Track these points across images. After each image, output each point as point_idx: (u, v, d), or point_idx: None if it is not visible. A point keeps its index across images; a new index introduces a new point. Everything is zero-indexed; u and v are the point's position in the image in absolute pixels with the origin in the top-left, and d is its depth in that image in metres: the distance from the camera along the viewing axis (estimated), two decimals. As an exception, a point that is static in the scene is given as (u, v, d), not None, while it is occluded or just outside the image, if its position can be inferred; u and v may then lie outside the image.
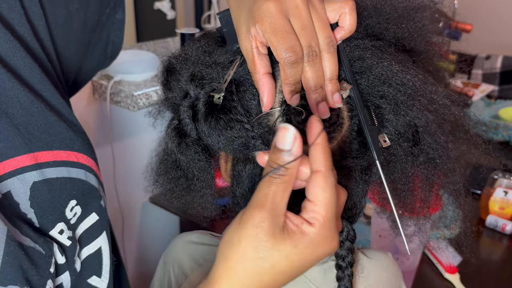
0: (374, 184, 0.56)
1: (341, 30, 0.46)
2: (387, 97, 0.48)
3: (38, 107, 0.47)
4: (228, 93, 0.50)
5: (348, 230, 0.53)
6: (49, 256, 0.44)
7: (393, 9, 0.52)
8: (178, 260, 0.70)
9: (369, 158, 0.51)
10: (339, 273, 0.54)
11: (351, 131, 0.50)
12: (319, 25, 0.44)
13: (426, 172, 0.51)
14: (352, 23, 0.46)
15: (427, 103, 0.48)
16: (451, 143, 0.50)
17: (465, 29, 1.66)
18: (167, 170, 0.59)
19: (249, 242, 0.40)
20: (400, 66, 0.48)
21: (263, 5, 0.43)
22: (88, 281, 0.51)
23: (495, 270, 1.13)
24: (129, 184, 1.48)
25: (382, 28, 0.52)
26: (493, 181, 1.29)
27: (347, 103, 0.49)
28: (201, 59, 0.53)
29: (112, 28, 0.64)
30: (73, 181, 0.49)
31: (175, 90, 0.56)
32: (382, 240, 1.03)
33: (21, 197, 0.44)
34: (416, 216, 0.56)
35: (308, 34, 0.44)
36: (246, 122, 0.50)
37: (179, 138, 0.54)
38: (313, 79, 0.45)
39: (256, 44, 0.45)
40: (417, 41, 0.53)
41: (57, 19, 0.54)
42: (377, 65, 0.48)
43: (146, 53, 1.42)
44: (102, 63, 0.67)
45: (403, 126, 0.49)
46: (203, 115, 0.52)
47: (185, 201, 0.61)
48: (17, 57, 0.47)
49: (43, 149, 0.47)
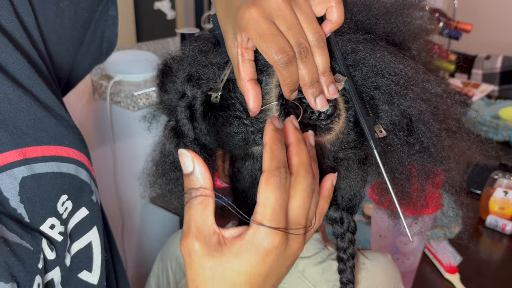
0: (372, 177, 0.56)
1: (329, 23, 0.47)
2: (381, 87, 0.49)
3: (26, 103, 0.47)
4: (226, 92, 0.51)
5: (349, 221, 0.53)
6: (37, 252, 0.44)
7: (381, 5, 0.53)
8: (177, 256, 0.69)
9: (367, 149, 0.52)
10: (340, 265, 0.54)
11: (348, 122, 0.51)
12: (305, 22, 0.45)
13: (421, 161, 0.51)
14: (339, 15, 0.46)
15: (420, 91, 0.49)
16: (444, 131, 0.50)
17: (465, 29, 1.66)
18: (165, 171, 0.59)
19: (195, 272, 0.40)
20: (392, 56, 0.49)
21: (245, 12, 0.43)
22: (79, 275, 0.51)
23: (495, 270, 1.13)
24: (129, 184, 1.48)
25: (372, 23, 0.53)
26: (493, 181, 1.29)
27: (342, 95, 0.50)
28: (198, 59, 0.54)
29: (106, 25, 0.65)
30: (63, 176, 0.49)
31: (171, 92, 0.56)
32: (382, 240, 1.03)
33: (11, 193, 0.44)
34: (418, 215, 0.56)
35: (295, 33, 0.44)
36: (245, 117, 0.50)
37: (177, 139, 0.54)
38: (308, 74, 0.45)
39: (241, 51, 0.46)
40: (405, 36, 0.54)
41: (47, 15, 0.54)
42: (369, 56, 0.49)
43: (146, 53, 1.42)
44: (98, 59, 0.68)
45: (397, 116, 0.49)
46: (201, 114, 0.53)
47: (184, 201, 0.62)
48: (5, 52, 0.47)
49: (32, 144, 0.47)
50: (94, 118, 1.36)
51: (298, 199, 0.41)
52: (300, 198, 0.41)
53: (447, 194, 0.55)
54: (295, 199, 0.41)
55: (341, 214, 0.53)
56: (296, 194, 0.41)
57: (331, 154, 0.51)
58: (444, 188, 0.54)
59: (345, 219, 0.53)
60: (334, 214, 0.53)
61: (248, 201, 0.55)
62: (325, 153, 0.51)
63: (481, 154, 0.53)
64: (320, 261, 0.59)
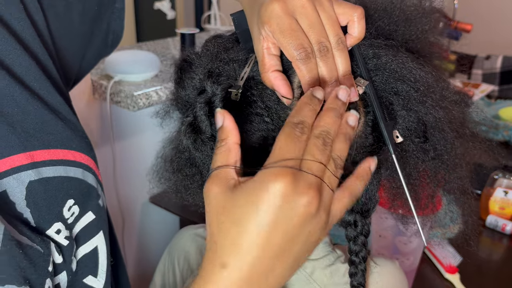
0: (384, 180, 0.56)
1: (350, 38, 0.47)
2: (401, 93, 0.49)
3: (34, 106, 0.47)
4: (246, 89, 0.51)
5: (363, 224, 0.53)
6: (48, 255, 0.44)
7: (402, 12, 0.53)
8: (185, 251, 0.68)
9: (383, 153, 0.52)
10: (352, 268, 0.54)
11: (367, 126, 0.51)
12: (327, 23, 0.45)
13: (435, 167, 0.51)
14: (360, 31, 0.47)
15: (438, 99, 0.49)
16: (458, 139, 0.50)
17: (465, 29, 1.66)
18: (180, 167, 0.59)
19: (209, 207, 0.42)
20: (414, 63, 0.49)
21: (269, 7, 0.44)
22: (84, 280, 0.51)
23: (495, 270, 1.13)
24: (129, 184, 1.48)
25: (392, 30, 0.53)
26: (493, 181, 1.29)
27: (362, 99, 0.50)
28: (219, 56, 0.54)
29: (112, 17, 0.64)
30: (70, 180, 0.49)
31: (189, 87, 0.56)
32: (382, 240, 1.03)
33: (17, 197, 0.44)
34: (420, 215, 0.56)
35: (317, 31, 0.45)
36: (266, 115, 0.50)
37: (194, 134, 0.54)
38: (327, 73, 0.46)
39: (267, 45, 0.47)
40: (422, 44, 0.54)
41: (56, 11, 0.54)
42: (391, 62, 0.49)
43: (146, 53, 1.41)
44: (103, 51, 0.67)
45: (414, 122, 0.50)
46: None
47: (199, 198, 0.61)
48: (12, 54, 0.46)
49: (40, 148, 0.47)
50: (94, 118, 1.36)
51: (308, 154, 0.41)
52: (310, 154, 0.41)
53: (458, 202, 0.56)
54: (306, 153, 0.41)
55: (355, 217, 0.53)
56: (307, 149, 0.41)
57: (349, 158, 0.51)
58: (455, 195, 0.55)
59: (359, 222, 0.53)
60: (348, 217, 0.53)
61: None
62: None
63: (485, 151, 0.53)
64: (328, 264, 0.59)
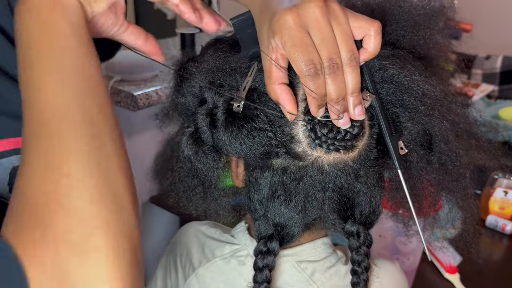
0: (386, 190, 0.56)
1: (365, 52, 0.46)
2: (407, 106, 0.48)
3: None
4: (249, 102, 0.49)
5: (366, 235, 0.53)
6: None
7: (410, 17, 0.52)
8: (188, 248, 0.68)
9: (388, 166, 0.52)
10: (354, 278, 0.53)
11: (371, 140, 0.50)
12: (340, 38, 0.44)
13: (437, 177, 0.51)
14: (376, 46, 0.45)
15: (445, 112, 0.48)
16: (463, 150, 0.50)
17: (465, 29, 1.66)
18: (182, 178, 0.57)
19: None
20: (421, 76, 0.48)
21: (281, 17, 0.43)
22: None
23: (495, 270, 1.13)
24: (129, 184, 1.48)
25: (399, 35, 0.52)
26: (493, 181, 1.29)
27: (367, 112, 0.49)
28: (219, 66, 0.52)
29: None
30: None
31: (188, 96, 0.54)
32: (382, 240, 1.03)
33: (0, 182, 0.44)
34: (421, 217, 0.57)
35: (328, 47, 0.43)
36: (270, 130, 0.49)
37: (196, 146, 0.53)
38: (335, 91, 0.44)
39: (276, 56, 0.45)
40: (430, 48, 0.53)
41: None
42: (398, 75, 0.48)
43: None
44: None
45: (420, 134, 0.49)
46: (223, 124, 0.51)
47: (202, 209, 0.60)
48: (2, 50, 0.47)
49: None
50: (94, 118, 1.36)
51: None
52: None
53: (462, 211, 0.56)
54: None
55: (358, 228, 0.52)
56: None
57: (353, 172, 0.51)
58: (458, 204, 0.55)
59: (361, 233, 0.52)
60: (351, 228, 0.52)
61: (266, 213, 0.53)
62: (346, 171, 0.50)
63: (490, 159, 0.53)
64: (329, 266, 0.59)
